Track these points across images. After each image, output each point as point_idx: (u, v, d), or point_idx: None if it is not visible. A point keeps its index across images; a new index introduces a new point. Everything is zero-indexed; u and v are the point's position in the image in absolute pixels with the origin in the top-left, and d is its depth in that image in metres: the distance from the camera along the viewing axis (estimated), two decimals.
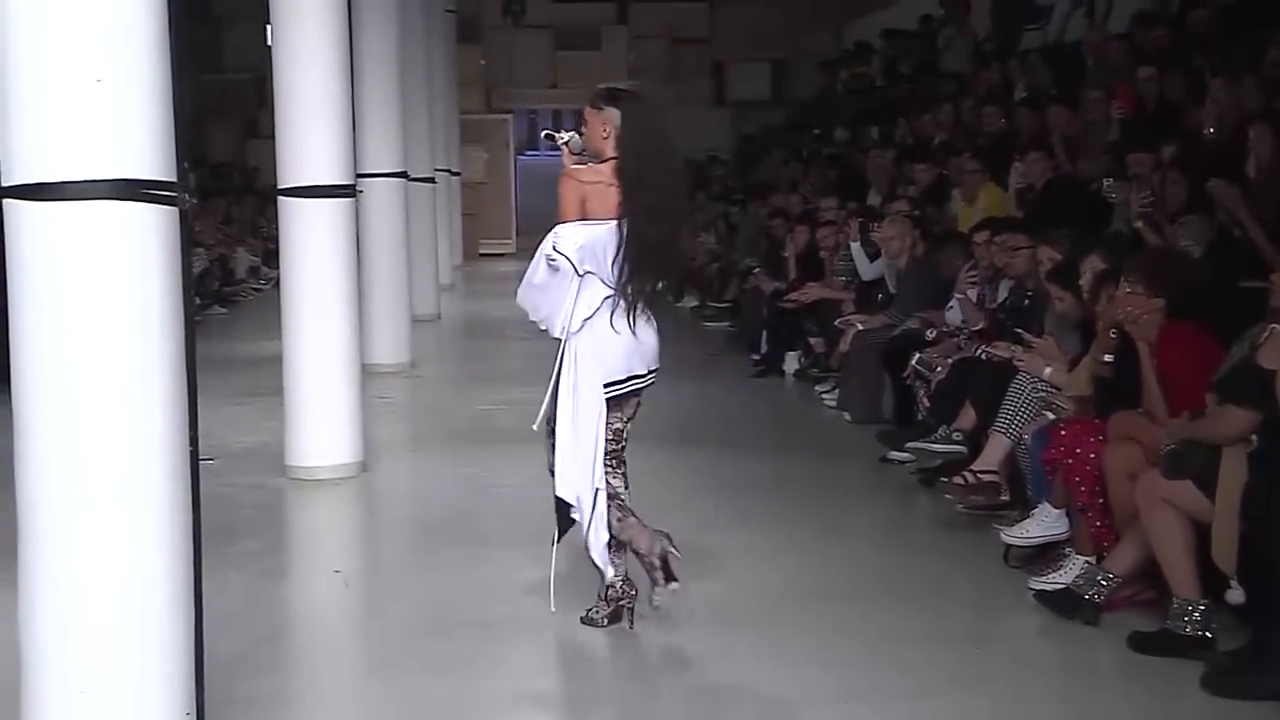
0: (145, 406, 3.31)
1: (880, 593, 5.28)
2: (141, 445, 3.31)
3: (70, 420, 3.28)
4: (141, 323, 3.31)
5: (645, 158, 4.51)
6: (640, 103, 4.59)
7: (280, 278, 7.53)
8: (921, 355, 7.34)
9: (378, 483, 7.33)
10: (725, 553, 5.84)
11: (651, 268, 4.53)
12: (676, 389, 10.04)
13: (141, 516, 3.32)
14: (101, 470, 3.28)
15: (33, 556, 3.32)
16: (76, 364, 3.27)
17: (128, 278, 3.28)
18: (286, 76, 7.28)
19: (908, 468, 7.12)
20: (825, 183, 12.81)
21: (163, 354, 3.35)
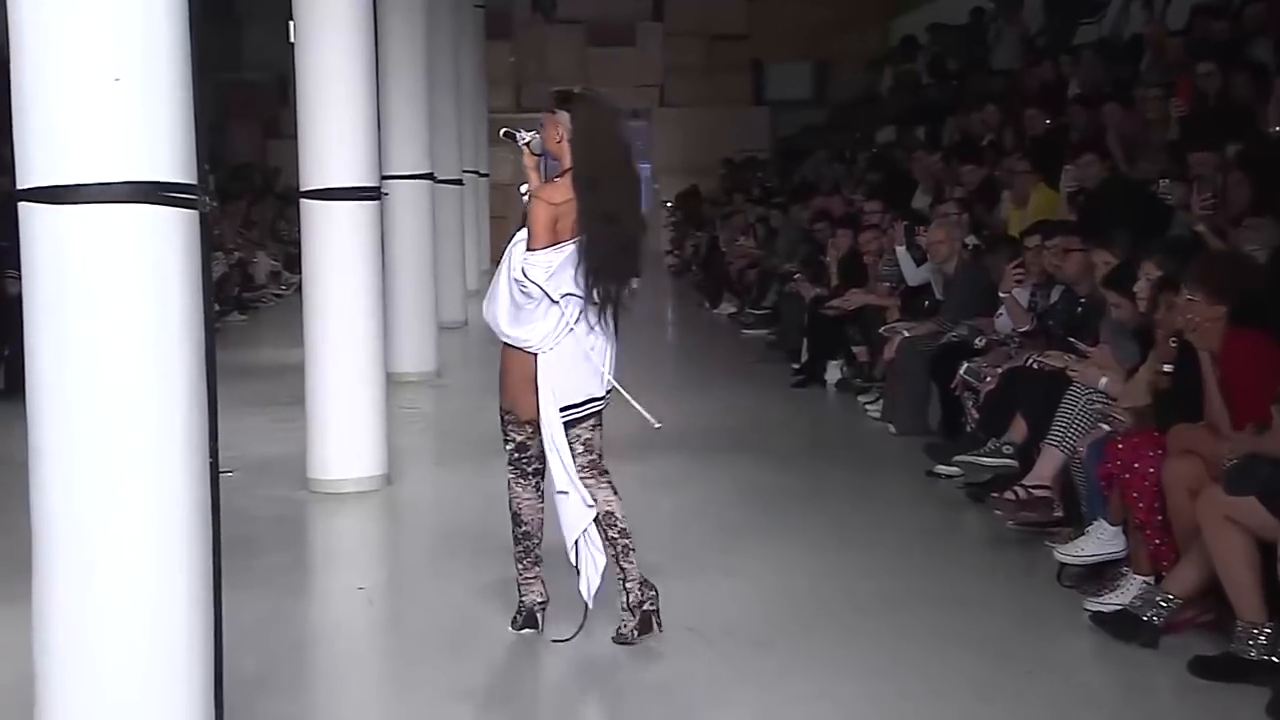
0: (164, 417, 3.33)
1: (925, 612, 5.26)
2: (160, 457, 3.33)
3: (87, 431, 3.30)
4: (160, 330, 3.33)
5: (597, 160, 4.64)
6: (590, 105, 4.73)
7: (302, 283, 7.57)
8: (970, 364, 7.31)
9: (402, 496, 7.35)
10: (761, 567, 5.83)
11: (611, 272, 4.66)
12: (713, 399, 10.04)
13: (160, 530, 3.34)
14: (119, 482, 3.30)
15: (48, 571, 3.35)
16: (93, 372, 3.29)
17: (147, 283, 3.31)
18: (309, 75, 7.33)
19: (955, 482, 7.09)
20: (869, 184, 12.78)
21: (182, 362, 3.37)
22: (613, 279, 4.69)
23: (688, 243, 20.20)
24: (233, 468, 7.28)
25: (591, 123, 4.69)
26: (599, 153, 4.67)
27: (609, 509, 4.87)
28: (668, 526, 6.55)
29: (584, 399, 4.79)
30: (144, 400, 3.31)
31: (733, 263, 15.37)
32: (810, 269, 11.62)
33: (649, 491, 7.30)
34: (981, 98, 12.06)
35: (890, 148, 14.24)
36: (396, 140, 10.79)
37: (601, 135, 4.69)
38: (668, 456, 8.05)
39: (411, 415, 9.52)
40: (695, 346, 13.92)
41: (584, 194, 4.63)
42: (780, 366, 11.21)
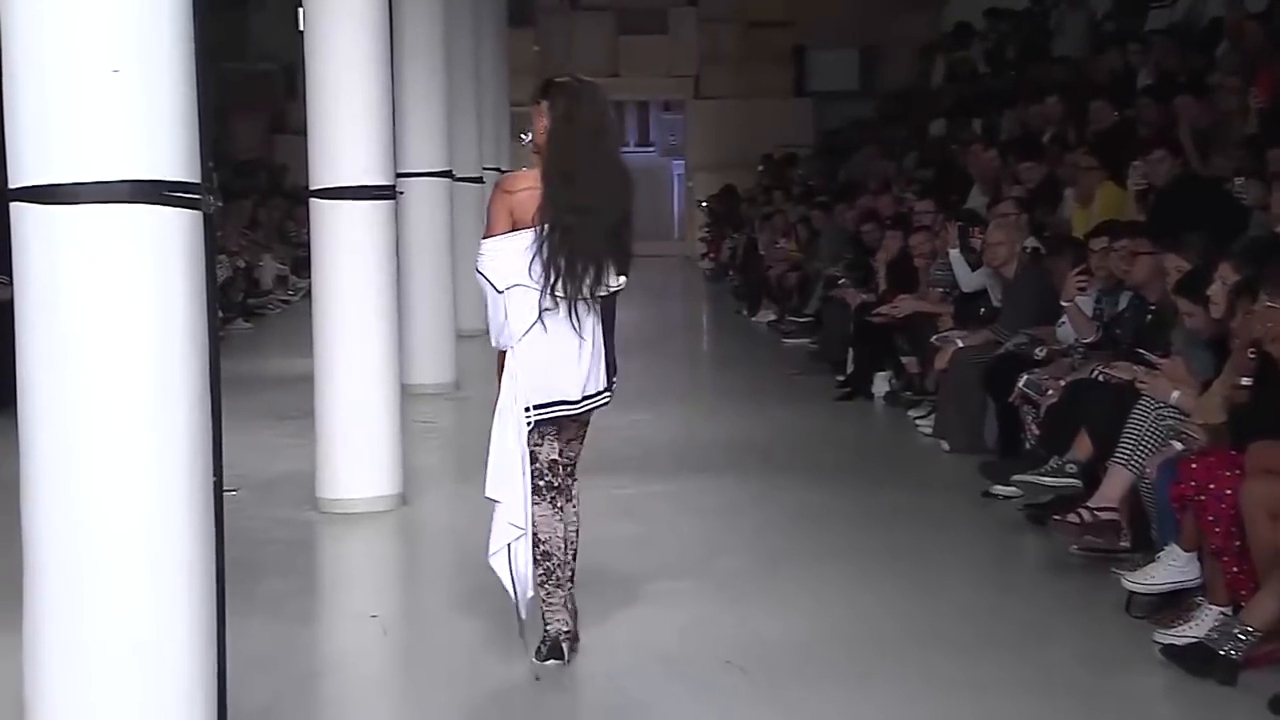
0: (165, 432, 3.35)
1: (981, 643, 5.23)
2: (161, 474, 3.34)
3: (82, 448, 3.32)
4: (162, 339, 3.34)
5: (571, 151, 4.68)
6: (569, 94, 4.77)
7: (311, 288, 7.60)
8: (1030, 376, 7.27)
9: (418, 517, 7.36)
10: (805, 595, 5.81)
11: (582, 268, 4.67)
12: (751, 413, 10.02)
13: (160, 553, 3.35)
14: (116, 502, 3.32)
15: (40, 596, 3.36)
16: (89, 385, 3.31)
17: (147, 289, 3.32)
18: (319, 65, 7.36)
19: (1014, 503, 7.06)
20: (920, 182, 12.74)
21: (185, 374, 3.38)
22: (575, 275, 4.68)
23: (724, 245, 20.20)
24: (237, 486, 7.30)
25: (569, 112, 4.73)
26: (575, 143, 4.70)
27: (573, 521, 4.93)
28: (702, 550, 6.53)
29: (551, 400, 4.77)
30: (144, 414, 3.33)
31: (772, 266, 15.35)
32: (856, 273, 11.61)
33: (682, 513, 7.29)
34: (1043, 88, 12.02)
35: (943, 142, 14.20)
36: (412, 135, 10.83)
37: (580, 125, 4.72)
38: (702, 475, 8.04)
39: (428, 430, 9.54)
40: (732, 356, 13.90)
41: (555, 186, 4.69)
42: (823, 378, 11.18)
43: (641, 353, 13.02)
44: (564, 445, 4.91)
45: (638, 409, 9.65)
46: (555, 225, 4.66)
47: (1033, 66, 13.99)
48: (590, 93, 4.80)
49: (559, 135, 4.72)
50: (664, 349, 14.30)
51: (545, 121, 4.77)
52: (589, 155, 4.71)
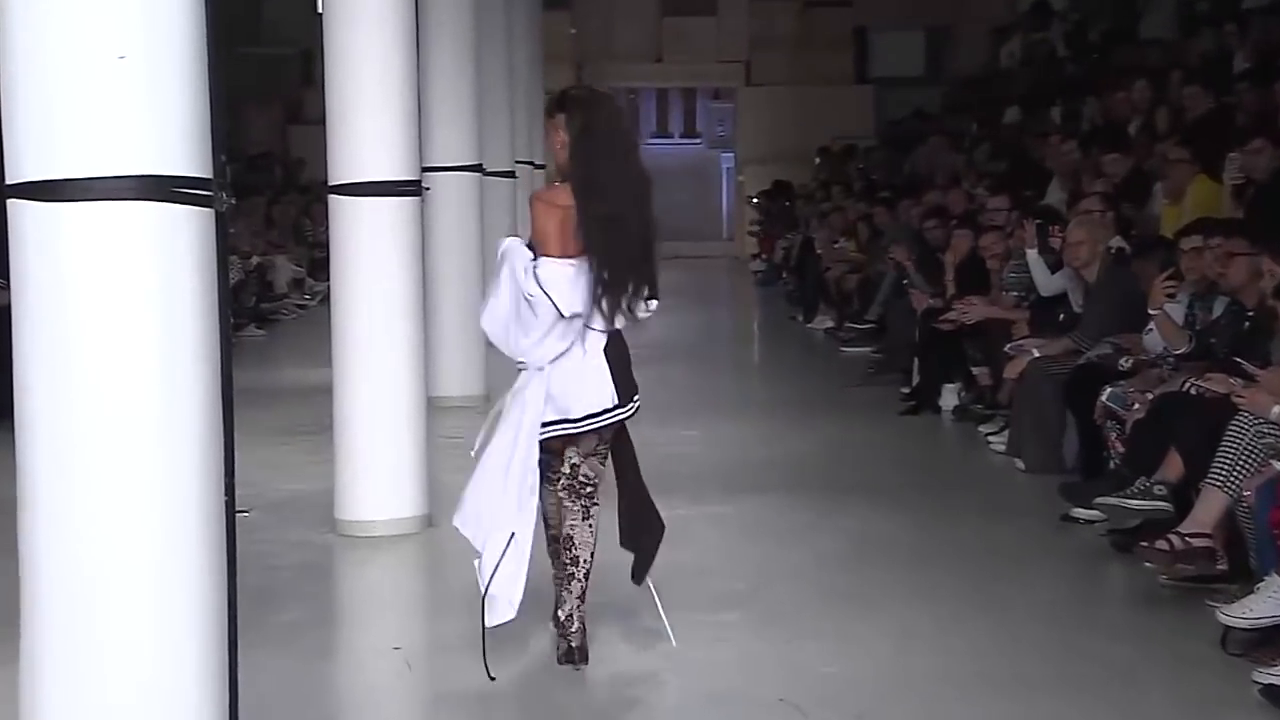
0: (172, 448, 3.36)
1: (1061, 685, 5.19)
2: (169, 493, 3.36)
3: (84, 464, 3.33)
4: (171, 347, 3.36)
5: (595, 162, 5.07)
6: (586, 105, 5.18)
7: (329, 292, 7.63)
8: (1114, 389, 7.23)
9: (445, 541, 7.36)
10: (868, 630, 5.79)
11: (620, 283, 5.06)
12: (807, 430, 10.00)
13: (166, 580, 3.36)
14: (119, 524, 3.33)
15: (38, 627, 3.38)
16: (91, 396, 3.33)
17: (155, 293, 3.34)
18: (339, 50, 7.39)
19: (1096, 529, 7.01)
20: (993, 176, 12.70)
21: (194, 385, 3.40)
22: (621, 292, 5.07)
23: (777, 246, 20.18)
24: (250, 507, 7.34)
25: (588, 123, 5.10)
26: (597, 154, 5.06)
27: (570, 533, 5.26)
28: (755, 580, 6.51)
29: (583, 414, 5.15)
30: (150, 429, 3.34)
31: (830, 269, 15.33)
32: (923, 276, 11.56)
33: (733, 539, 7.28)
34: (1129, 73, 11.96)
35: (1018, 133, 14.15)
36: (439, 126, 10.86)
37: (600, 135, 5.08)
38: (754, 498, 8.03)
39: (456, 446, 9.55)
40: (786, 367, 13.88)
41: (583, 198, 5.04)
42: (887, 390, 11.14)
43: (687, 363, 13.03)
44: (581, 458, 5.24)
45: (683, 425, 9.65)
46: (591, 240, 5.02)
47: (1118, 49, 13.93)
48: (605, 102, 5.25)
49: (580, 149, 5.08)
50: (711, 359, 14.29)
51: (563, 136, 5.11)
52: (612, 165, 5.06)
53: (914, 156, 17.16)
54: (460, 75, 11.04)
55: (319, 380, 9.13)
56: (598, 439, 5.23)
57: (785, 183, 21.43)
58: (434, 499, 7.50)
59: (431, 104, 10.58)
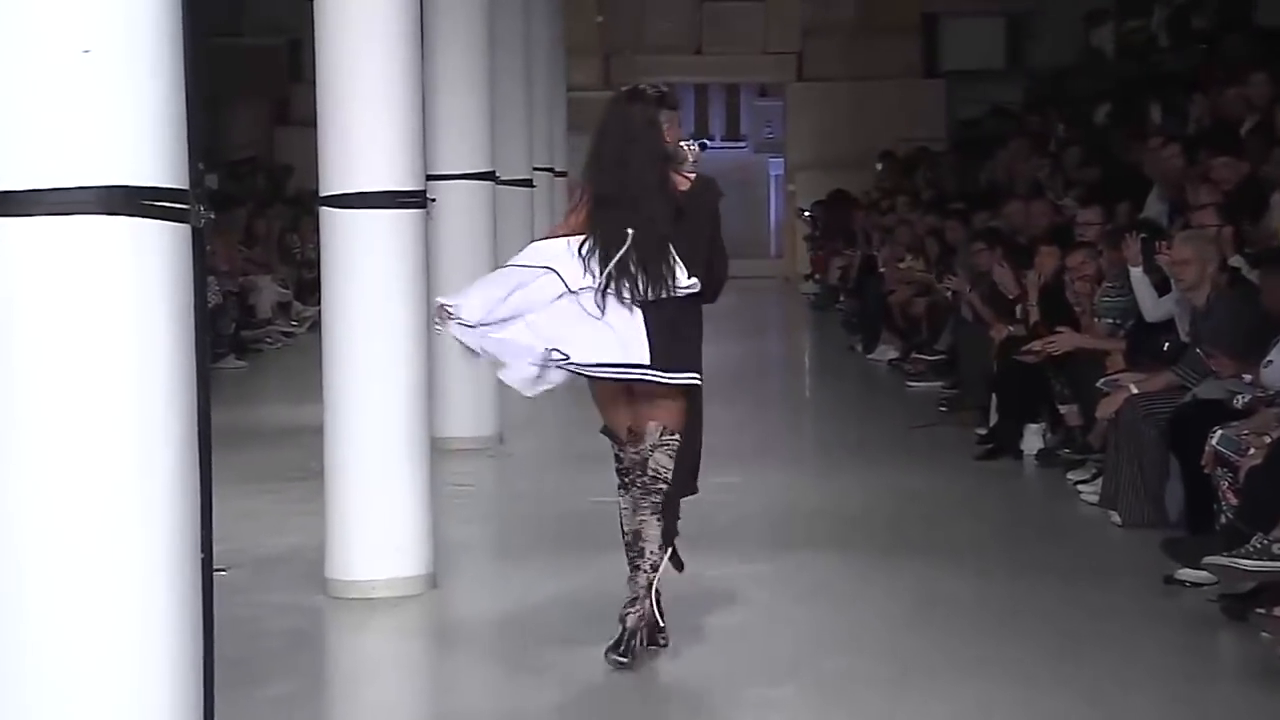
0: (143, 498, 3.37)
1: None
2: (138, 551, 3.36)
3: (41, 516, 3.34)
4: (140, 381, 3.37)
5: (602, 166, 6.19)
6: (617, 103, 6.32)
7: (320, 317, 7.65)
8: (1225, 431, 7.20)
9: (451, 603, 7.38)
10: (940, 707, 5.77)
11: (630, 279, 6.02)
12: (868, 476, 9.98)
13: (136, 647, 3.37)
14: (85, 583, 3.34)
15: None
16: (50, 439, 3.33)
17: (121, 321, 3.35)
18: (333, 42, 7.42)
19: (1205, 593, 6.97)
20: (1083, 185, 12.67)
21: (167, 425, 3.41)
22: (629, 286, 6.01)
23: (833, 264, 20.17)
24: (229, 565, 7.35)
25: (604, 124, 6.25)
26: (601, 141, 6.22)
27: (638, 528, 6.17)
28: (808, 649, 6.50)
29: (593, 361, 6.10)
30: (117, 475, 3.35)
31: (894, 290, 15.31)
32: (1000, 300, 11.53)
33: (783, 600, 7.26)
34: (1243, 65, 11.93)
35: (1112, 134, 14.12)
36: (447, 129, 10.89)
37: (610, 137, 6.20)
38: (807, 554, 8.01)
39: (464, 495, 9.57)
40: (843, 404, 13.86)
41: (593, 203, 6.15)
42: (960, 432, 11.12)
43: (729, 400, 12.99)
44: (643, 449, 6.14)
45: (727, 470, 9.60)
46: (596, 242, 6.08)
47: (1229, 39, 13.90)
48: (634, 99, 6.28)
49: (594, 147, 6.28)
50: (758, 394, 14.28)
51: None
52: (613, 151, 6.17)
53: (991, 162, 17.14)
54: (471, 70, 11.07)
55: (307, 419, 9.14)
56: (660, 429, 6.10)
57: (842, 192, 21.41)
58: (439, 556, 7.50)
59: (438, 103, 10.61)
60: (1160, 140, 11.65)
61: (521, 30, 13.97)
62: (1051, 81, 19.79)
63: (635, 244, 6.00)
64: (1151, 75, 15.18)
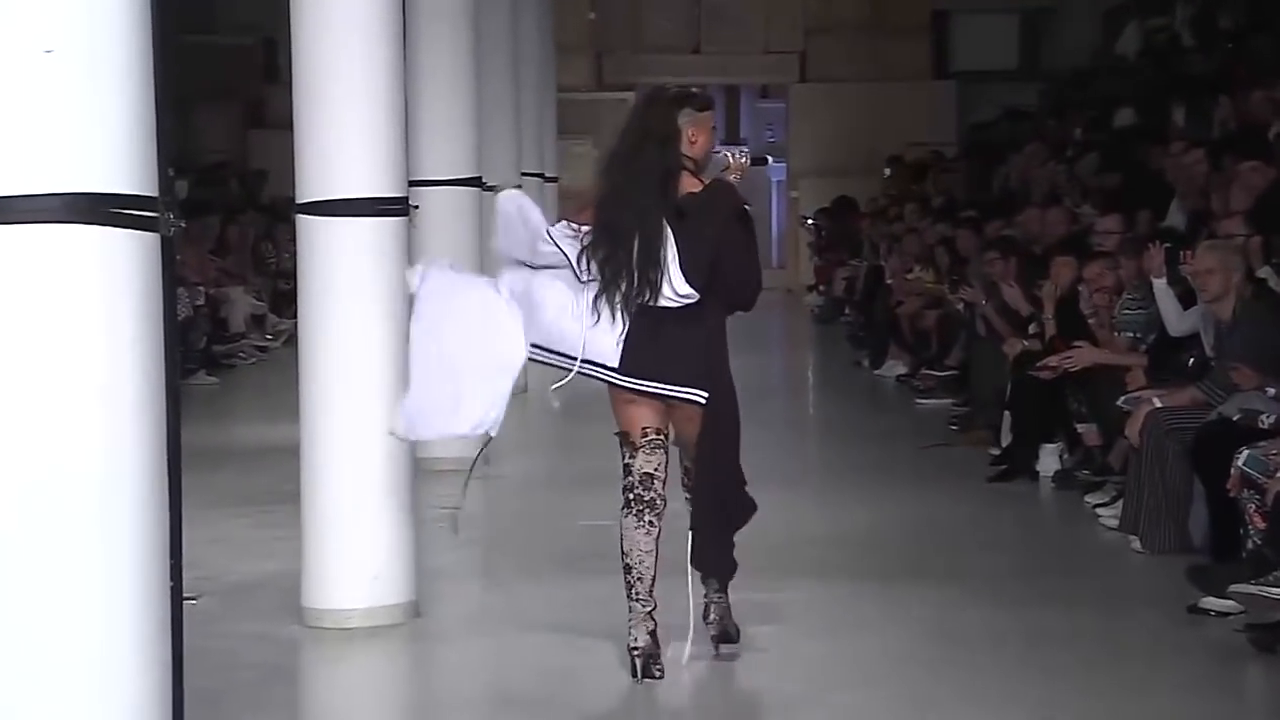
0: (110, 523, 3.36)
1: None
2: (104, 579, 3.35)
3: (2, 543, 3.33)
4: (105, 399, 3.36)
5: (609, 163, 6.51)
6: (639, 102, 6.73)
7: (297, 331, 7.64)
8: (1252, 451, 7.19)
9: (435, 633, 7.36)
10: None
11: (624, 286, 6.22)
12: (874, 500, 9.97)
13: (101, 680, 3.36)
14: (46, 613, 3.33)
15: None
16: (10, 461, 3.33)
17: (86, 335, 3.34)
18: (310, 41, 7.42)
19: (1232, 623, 6.96)
20: (1102, 192, 12.68)
21: (134, 445, 3.40)
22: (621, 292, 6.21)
23: (838, 275, 20.19)
24: (200, 593, 7.33)
25: (628, 113, 6.64)
26: (614, 158, 6.47)
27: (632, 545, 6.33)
28: (816, 684, 6.49)
29: (552, 348, 6.37)
30: (81, 498, 3.34)
31: (903, 303, 15.32)
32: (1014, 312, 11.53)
33: (786, 633, 7.25)
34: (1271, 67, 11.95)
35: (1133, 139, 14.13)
36: (431, 133, 10.90)
37: (627, 121, 6.52)
38: (812, 582, 7.99)
39: (449, 519, 9.55)
40: (849, 423, 13.85)
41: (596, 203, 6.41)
42: (972, 453, 11.11)
43: None
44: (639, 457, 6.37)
45: None
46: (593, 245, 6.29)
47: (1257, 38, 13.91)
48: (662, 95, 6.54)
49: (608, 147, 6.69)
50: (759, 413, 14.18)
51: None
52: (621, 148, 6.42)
53: (1005, 167, 17.16)
54: (457, 71, 11.08)
55: (283, 438, 9.13)
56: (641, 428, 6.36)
57: (848, 199, 21.43)
58: (422, 583, 7.49)
59: (421, 105, 10.62)
60: (1183, 145, 11.67)
61: (509, 28, 14.00)
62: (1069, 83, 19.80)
63: (627, 244, 6.17)
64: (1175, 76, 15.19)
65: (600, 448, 11.96)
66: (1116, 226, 10.75)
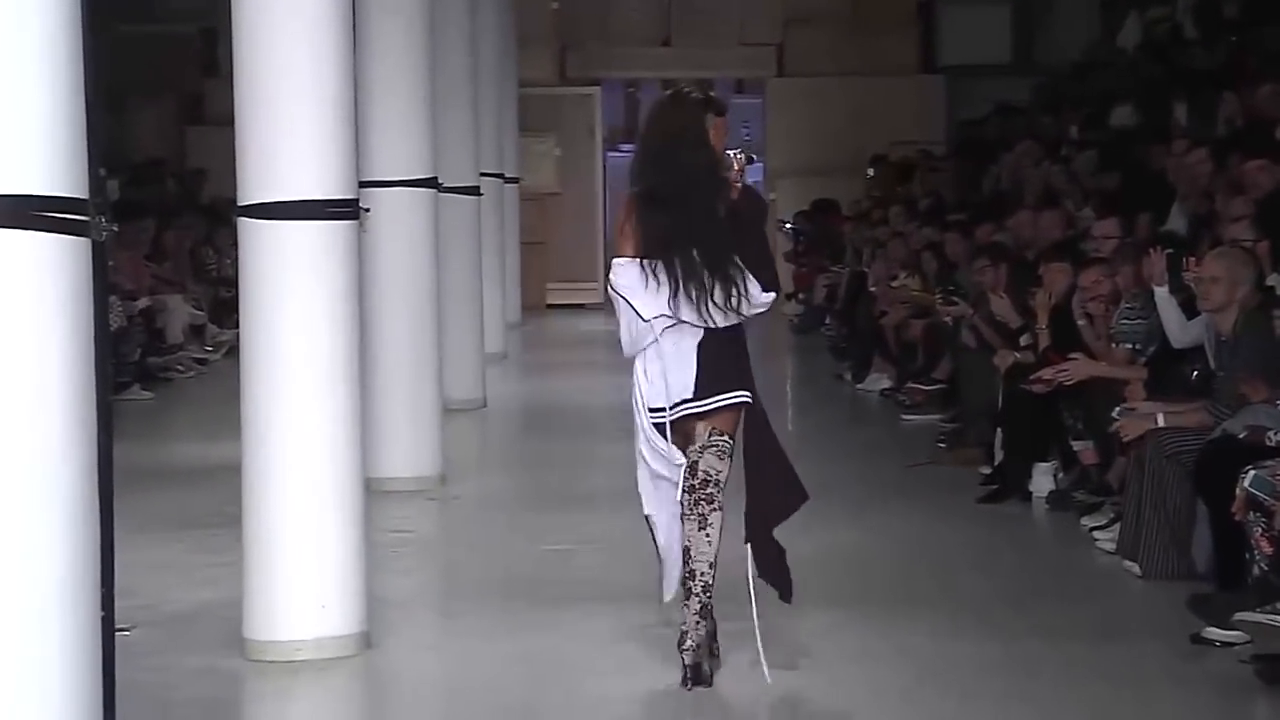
0: (36, 547, 3.35)
1: None
2: (32, 609, 3.35)
3: None
4: (33, 415, 3.36)
5: (648, 163, 6.74)
6: (661, 105, 6.98)
7: (239, 342, 7.62)
8: (1259, 472, 7.21)
9: (388, 666, 7.34)
10: None
11: (691, 291, 6.56)
12: (857, 522, 9.97)
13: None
14: None
15: None
16: None
17: (14, 345, 3.34)
18: (253, 30, 7.41)
19: (1237, 653, 6.98)
20: (1099, 194, 12.72)
21: (63, 464, 3.39)
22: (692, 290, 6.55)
23: (818, 282, 20.21)
24: (133, 624, 7.31)
25: (650, 125, 6.89)
26: (648, 139, 6.82)
27: (686, 544, 6.66)
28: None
29: (675, 401, 6.65)
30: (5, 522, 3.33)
31: (888, 312, 15.34)
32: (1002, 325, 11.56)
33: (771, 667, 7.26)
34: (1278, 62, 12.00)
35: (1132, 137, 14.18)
36: (383, 130, 10.89)
37: (655, 123, 6.84)
38: (791, 611, 7.99)
39: (402, 543, 9.54)
40: (830, 441, 13.84)
41: (640, 211, 6.66)
42: (961, 471, 11.13)
43: None
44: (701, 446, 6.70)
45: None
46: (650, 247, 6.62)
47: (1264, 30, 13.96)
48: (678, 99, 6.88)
49: (640, 151, 6.89)
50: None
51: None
52: (654, 147, 6.77)
53: (997, 167, 17.20)
54: (411, 64, 11.08)
55: (224, 457, 9.10)
56: (709, 429, 6.65)
57: (829, 201, 21.46)
58: (374, 612, 7.47)
59: (373, 101, 10.61)
60: (1186, 144, 11.70)
61: (467, 18, 14.00)
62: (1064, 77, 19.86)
63: (696, 243, 6.55)
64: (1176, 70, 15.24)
65: (564, 465, 12.02)
66: (1114, 230, 10.76)
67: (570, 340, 20.24)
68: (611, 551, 8.83)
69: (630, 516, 5.84)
